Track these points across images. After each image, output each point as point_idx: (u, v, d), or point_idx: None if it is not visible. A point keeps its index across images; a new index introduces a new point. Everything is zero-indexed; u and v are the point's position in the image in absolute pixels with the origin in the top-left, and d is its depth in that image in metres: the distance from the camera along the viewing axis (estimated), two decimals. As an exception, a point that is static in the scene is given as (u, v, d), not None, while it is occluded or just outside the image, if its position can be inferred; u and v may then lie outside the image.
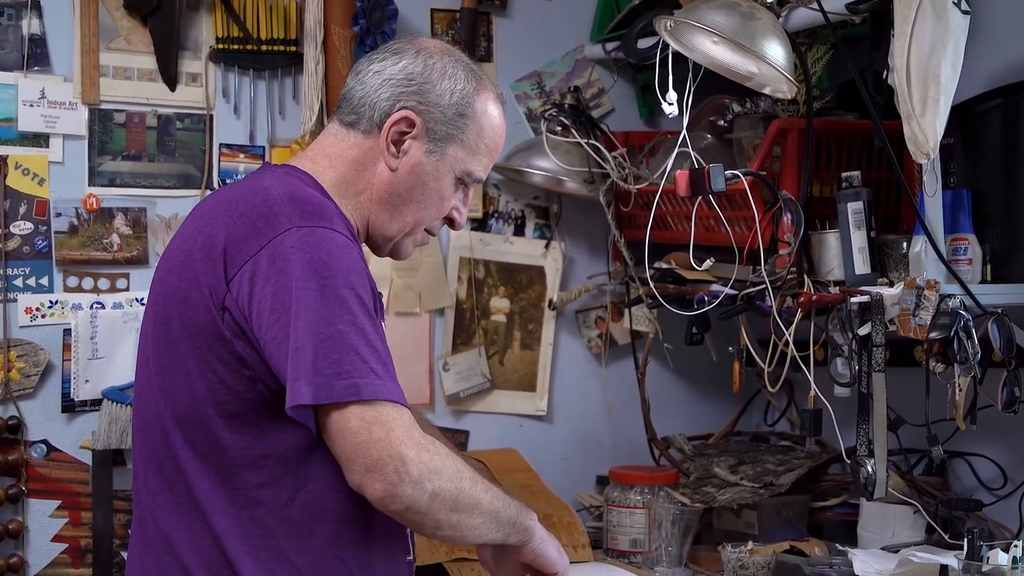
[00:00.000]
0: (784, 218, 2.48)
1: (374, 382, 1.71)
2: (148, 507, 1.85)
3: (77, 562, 2.67)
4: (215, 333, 1.76)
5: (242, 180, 1.93)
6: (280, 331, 1.71)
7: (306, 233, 1.74)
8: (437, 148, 1.93)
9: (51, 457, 2.66)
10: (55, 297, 2.66)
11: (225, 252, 1.76)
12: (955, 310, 2.24)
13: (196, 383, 1.78)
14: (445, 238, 3.04)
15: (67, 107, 2.67)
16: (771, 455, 2.95)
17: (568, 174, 2.91)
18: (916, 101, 2.19)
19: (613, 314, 3.17)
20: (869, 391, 2.34)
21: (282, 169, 1.92)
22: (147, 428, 1.86)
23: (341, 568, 1.82)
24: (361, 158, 1.94)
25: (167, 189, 2.76)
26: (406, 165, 1.93)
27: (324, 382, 1.68)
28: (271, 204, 1.78)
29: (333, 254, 1.74)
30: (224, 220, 1.79)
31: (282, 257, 1.72)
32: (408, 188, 1.94)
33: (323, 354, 1.69)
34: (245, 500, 1.78)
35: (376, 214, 1.94)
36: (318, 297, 1.71)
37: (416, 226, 1.98)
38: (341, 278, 1.73)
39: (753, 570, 2.52)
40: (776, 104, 2.65)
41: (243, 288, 1.74)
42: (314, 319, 1.69)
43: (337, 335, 1.70)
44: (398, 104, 1.92)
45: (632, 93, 3.22)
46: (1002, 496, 2.69)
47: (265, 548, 1.78)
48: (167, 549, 1.80)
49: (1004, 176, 2.41)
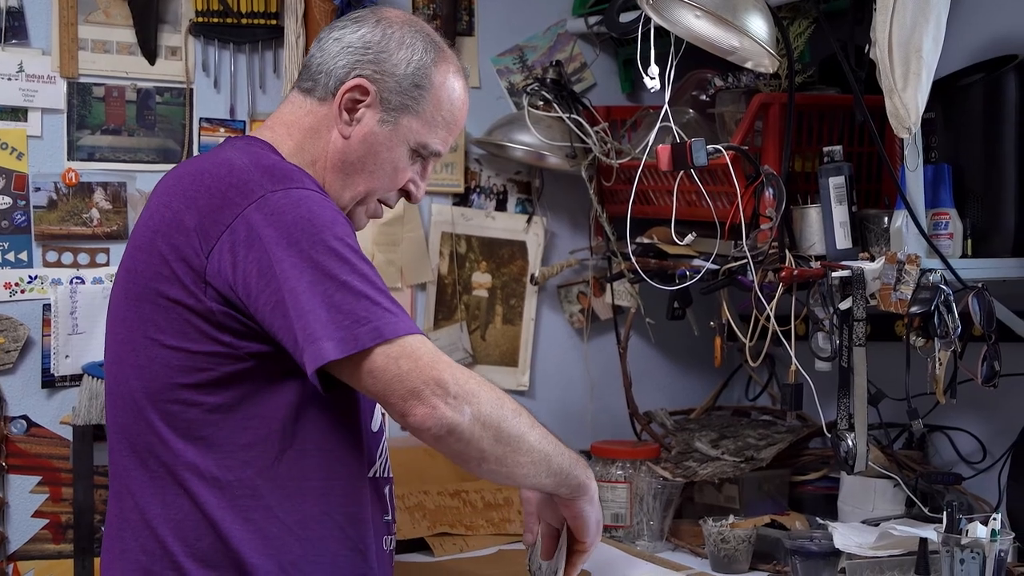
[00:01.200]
0: (766, 193, 2.47)
1: (392, 321, 1.71)
2: (123, 483, 1.85)
3: (58, 537, 2.67)
4: (193, 307, 1.76)
5: (204, 154, 1.92)
6: (273, 296, 1.70)
7: (280, 196, 1.74)
8: (391, 118, 1.92)
9: (31, 433, 2.65)
10: (34, 272, 2.65)
11: (199, 227, 1.75)
12: (936, 284, 2.25)
13: (171, 357, 1.77)
14: (427, 213, 3.03)
15: (45, 80, 2.65)
16: (752, 429, 2.96)
17: (550, 149, 2.91)
18: (898, 75, 2.19)
19: (595, 289, 3.17)
20: (850, 365, 2.34)
21: (242, 141, 1.91)
22: (119, 405, 1.86)
23: (330, 523, 1.83)
24: (316, 125, 1.93)
25: (147, 163, 2.74)
26: (359, 133, 1.92)
27: (346, 334, 1.68)
28: (239, 173, 1.77)
29: (313, 210, 1.74)
30: (192, 195, 1.78)
31: (261, 223, 1.72)
32: (360, 157, 1.93)
33: (335, 308, 1.68)
34: (231, 464, 1.78)
35: (329, 182, 1.93)
36: (311, 255, 1.70)
37: (368, 196, 1.97)
38: (328, 231, 1.73)
39: (734, 544, 2.53)
40: (758, 79, 2.64)
41: (224, 259, 1.73)
42: (315, 278, 1.69)
43: (343, 286, 1.70)
44: (354, 72, 1.91)
45: (614, 67, 3.22)
46: (981, 470, 2.71)
47: (254, 508, 1.79)
48: (143, 524, 1.81)
49: (985, 151, 2.42)
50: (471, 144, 3.07)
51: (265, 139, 1.93)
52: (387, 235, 2.97)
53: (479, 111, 3.07)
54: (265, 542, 1.79)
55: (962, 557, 2.09)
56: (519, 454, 1.80)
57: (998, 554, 2.09)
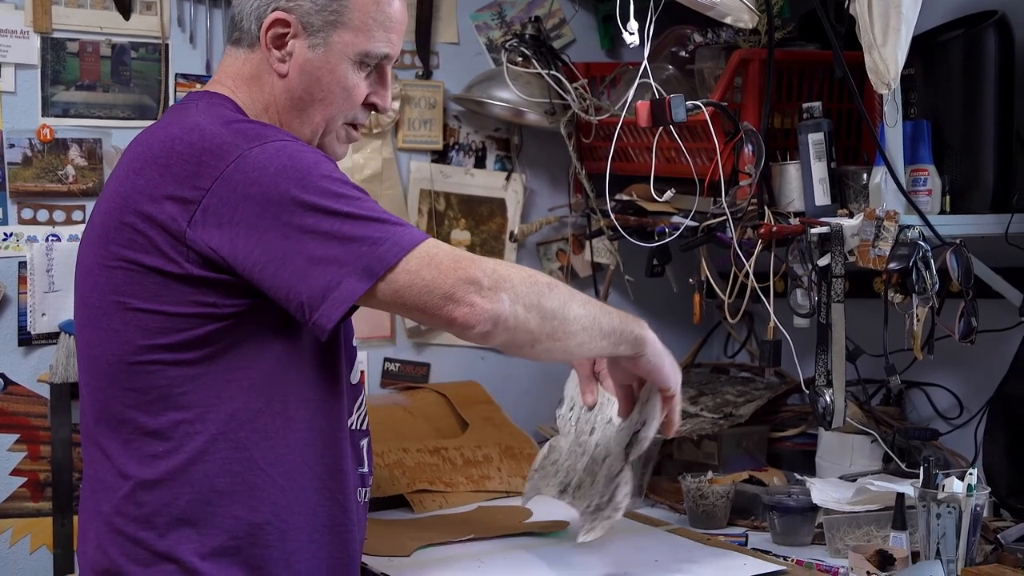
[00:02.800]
0: (745, 149, 2.47)
1: (404, 232, 1.72)
2: (98, 445, 1.84)
3: (36, 496, 2.66)
4: (173, 272, 1.74)
5: (170, 118, 1.87)
6: (270, 252, 1.69)
7: (258, 151, 1.72)
8: (319, 40, 1.87)
9: (8, 391, 2.64)
10: (9, 230, 2.62)
11: (176, 195, 1.73)
12: (914, 241, 2.25)
13: (146, 320, 1.76)
14: (405, 170, 3.02)
15: (18, 35, 2.62)
16: (731, 386, 2.97)
17: (529, 105, 2.90)
18: (877, 31, 2.19)
19: (574, 246, 3.16)
20: (828, 322, 2.35)
21: (204, 101, 1.88)
22: (91, 370, 1.85)
23: (310, 474, 1.84)
24: (255, 72, 1.90)
25: (122, 120, 2.72)
26: (295, 67, 1.88)
27: (366, 261, 1.68)
28: (211, 137, 1.75)
29: (294, 156, 1.73)
30: (164, 163, 1.75)
31: (244, 182, 1.70)
32: (305, 89, 1.89)
33: (346, 241, 1.69)
34: (213, 418, 1.78)
35: (285, 123, 1.91)
36: (304, 199, 1.69)
37: (330, 123, 1.93)
38: (315, 171, 1.72)
39: (712, 500, 2.54)
40: (737, 34, 2.63)
41: (208, 222, 1.71)
42: (314, 221, 1.69)
43: (347, 217, 1.70)
44: (269, 8, 1.87)
45: (593, 23, 3.20)
46: (958, 425, 2.73)
47: (238, 461, 1.79)
48: (121, 482, 1.80)
49: (964, 107, 2.42)
50: (450, 101, 3.06)
51: (224, 95, 1.90)
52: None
53: (457, 67, 3.06)
54: (251, 494, 1.79)
55: (938, 512, 2.10)
56: (568, 324, 1.81)
57: (974, 509, 2.10)
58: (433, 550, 2.33)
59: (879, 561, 2.14)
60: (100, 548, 1.82)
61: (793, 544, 2.41)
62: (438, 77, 3.05)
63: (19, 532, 2.65)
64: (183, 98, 1.96)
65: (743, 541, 2.43)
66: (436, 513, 2.58)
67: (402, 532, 2.41)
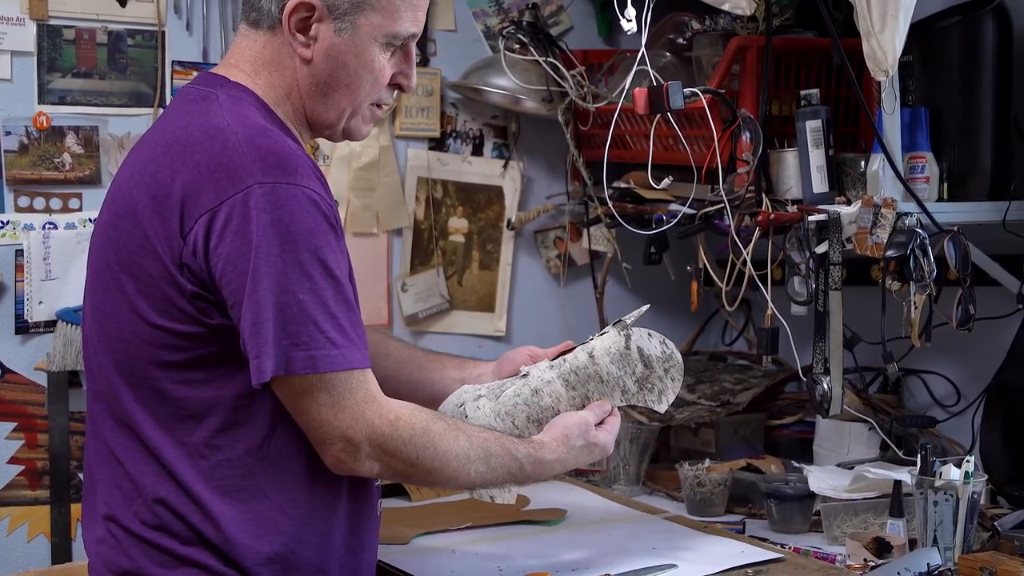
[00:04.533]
0: (742, 136, 2.47)
1: (330, 352, 1.68)
2: (109, 449, 1.81)
3: (34, 484, 2.66)
4: (173, 286, 1.71)
5: (193, 114, 1.79)
6: (238, 293, 1.67)
7: (268, 191, 1.67)
8: (346, 24, 1.80)
9: (6, 379, 2.64)
10: (6, 217, 2.62)
11: (182, 205, 1.69)
12: (912, 228, 2.25)
13: (155, 335, 1.73)
14: (403, 158, 3.01)
15: (14, 23, 2.61)
16: (728, 374, 2.97)
17: (526, 93, 2.89)
18: (875, 18, 2.18)
19: (572, 234, 3.16)
20: (826, 309, 2.35)
21: (224, 93, 1.80)
22: (102, 376, 1.82)
23: (319, 503, 1.81)
24: (276, 56, 1.83)
25: (119, 107, 2.71)
26: (320, 51, 1.81)
27: (283, 355, 1.67)
28: (231, 153, 1.69)
29: (295, 215, 1.67)
30: (179, 167, 1.71)
31: (241, 215, 1.66)
32: (331, 74, 1.82)
33: (282, 325, 1.66)
34: (220, 443, 1.75)
35: (310, 108, 1.85)
36: (278, 263, 1.66)
37: (356, 107, 1.87)
38: (303, 241, 1.67)
39: (710, 487, 2.54)
40: (735, 21, 2.63)
41: (199, 243, 1.68)
42: (274, 287, 1.66)
43: (296, 304, 1.67)
44: None
45: (591, 10, 3.19)
46: (955, 413, 2.73)
47: (244, 489, 1.76)
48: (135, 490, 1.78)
49: (962, 94, 2.41)
50: (447, 88, 3.05)
51: (244, 83, 1.83)
52: (363, 180, 2.95)
53: (455, 55, 3.05)
54: (256, 523, 1.76)
55: (936, 499, 2.10)
56: (448, 480, 1.84)
57: (971, 496, 2.10)
58: (430, 538, 2.33)
59: (876, 548, 2.15)
60: (119, 549, 1.79)
61: (790, 532, 2.41)
62: (435, 64, 3.04)
63: (17, 520, 2.65)
64: (199, 80, 1.88)
65: (741, 529, 2.43)
66: (433, 501, 2.58)
67: (399, 520, 2.41)
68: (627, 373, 2.08)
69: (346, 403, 1.71)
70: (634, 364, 2.08)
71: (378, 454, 1.74)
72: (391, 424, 1.75)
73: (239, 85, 1.83)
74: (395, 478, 1.85)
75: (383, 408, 1.75)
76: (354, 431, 1.72)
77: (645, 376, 2.09)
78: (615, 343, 2.08)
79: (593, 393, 2.06)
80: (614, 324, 2.12)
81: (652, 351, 2.09)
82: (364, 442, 1.72)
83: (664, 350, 2.10)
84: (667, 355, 2.10)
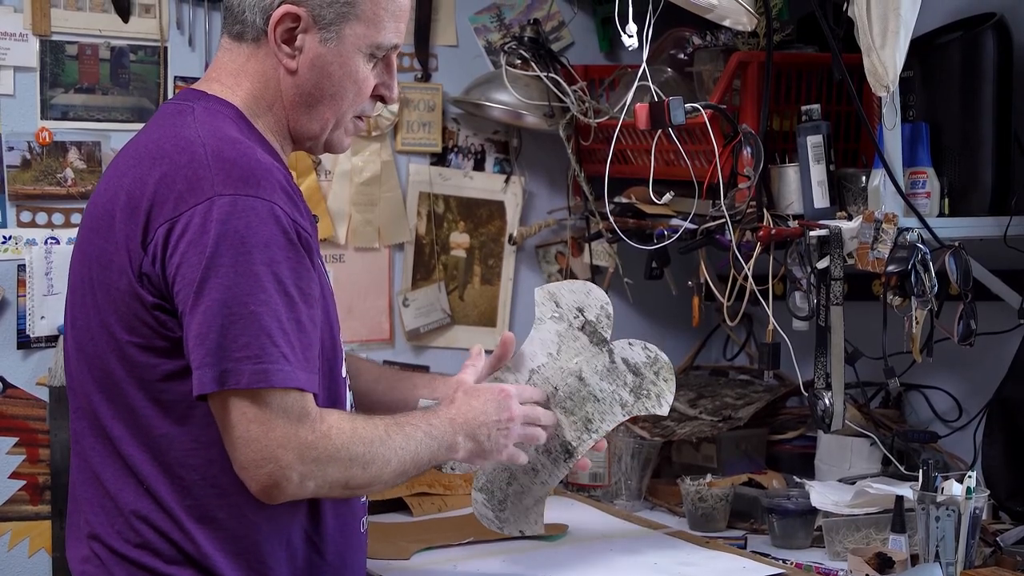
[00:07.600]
0: (744, 152, 2.47)
1: (283, 368, 1.66)
2: (89, 466, 1.81)
3: (35, 499, 2.66)
4: (136, 299, 1.71)
5: (165, 123, 1.80)
6: (184, 303, 1.66)
7: (227, 203, 1.66)
8: (332, 34, 1.81)
9: (7, 394, 2.64)
10: (8, 232, 2.62)
11: (148, 215, 1.69)
12: (913, 243, 2.25)
13: (124, 351, 1.73)
14: (404, 173, 3.02)
15: (17, 38, 2.62)
16: (730, 389, 2.97)
17: (528, 108, 2.90)
18: (876, 34, 2.19)
19: (573, 249, 3.16)
20: (827, 324, 2.35)
21: (201, 106, 1.80)
22: (78, 394, 1.82)
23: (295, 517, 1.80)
24: (261, 69, 1.83)
25: (121, 122, 2.72)
26: (305, 62, 1.82)
27: (233, 367, 1.64)
28: (196, 166, 1.68)
29: (252, 227, 1.66)
30: (147, 179, 1.71)
31: (199, 226, 1.65)
32: (316, 85, 1.83)
33: (232, 336, 1.64)
34: (194, 463, 1.73)
35: (294, 120, 1.86)
36: (230, 274, 1.64)
37: (339, 119, 1.88)
38: (259, 253, 1.65)
39: (712, 502, 2.54)
40: (736, 37, 2.63)
41: (158, 253, 1.68)
42: (224, 298, 1.64)
43: (249, 316, 1.64)
44: (276, 1, 1.80)
45: (592, 26, 3.20)
46: (957, 428, 2.73)
47: (220, 507, 1.74)
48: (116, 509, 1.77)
49: (963, 109, 2.42)
50: (449, 103, 3.06)
51: (224, 96, 1.83)
52: (364, 195, 2.95)
53: (456, 70, 3.05)
54: (235, 543, 1.75)
55: (937, 515, 2.10)
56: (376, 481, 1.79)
57: (973, 511, 2.10)
58: (432, 553, 2.33)
59: (878, 564, 2.14)
60: (104, 569, 1.78)
61: (792, 547, 2.41)
62: (437, 80, 3.05)
63: (18, 535, 2.65)
64: (179, 95, 1.89)
65: (742, 544, 2.43)
66: (435, 516, 2.58)
67: (401, 535, 2.41)
68: (620, 386, 2.11)
69: (277, 423, 1.66)
70: (623, 375, 2.11)
71: (308, 474, 1.69)
72: (324, 435, 1.71)
73: (218, 99, 1.83)
74: (333, 490, 1.76)
75: (316, 423, 1.70)
76: (282, 453, 1.67)
77: (638, 384, 2.11)
78: (600, 360, 2.11)
79: (592, 413, 2.10)
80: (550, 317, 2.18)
81: (637, 359, 2.12)
82: (292, 466, 1.67)
83: (648, 354, 2.12)
84: (652, 358, 2.12)
